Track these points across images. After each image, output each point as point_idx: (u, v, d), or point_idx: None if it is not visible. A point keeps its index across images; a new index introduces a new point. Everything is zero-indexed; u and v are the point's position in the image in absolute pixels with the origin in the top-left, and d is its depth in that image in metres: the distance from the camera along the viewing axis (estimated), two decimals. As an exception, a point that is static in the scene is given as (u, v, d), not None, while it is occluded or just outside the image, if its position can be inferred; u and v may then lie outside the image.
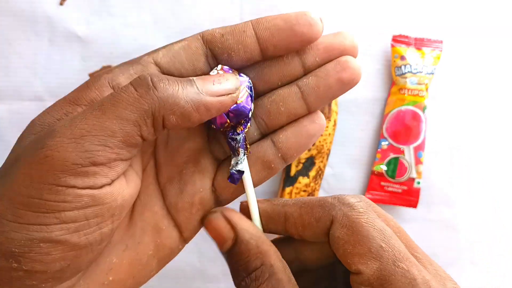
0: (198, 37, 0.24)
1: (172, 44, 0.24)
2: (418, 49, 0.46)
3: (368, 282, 0.21)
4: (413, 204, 0.45)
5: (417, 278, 0.20)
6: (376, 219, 0.22)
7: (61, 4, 0.46)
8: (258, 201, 0.25)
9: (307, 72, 0.25)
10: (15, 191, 0.19)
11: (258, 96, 0.26)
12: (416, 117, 0.45)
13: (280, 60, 0.24)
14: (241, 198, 0.26)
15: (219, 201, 0.26)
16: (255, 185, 0.26)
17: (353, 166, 0.47)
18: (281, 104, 0.25)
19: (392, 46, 0.46)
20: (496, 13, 0.47)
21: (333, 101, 0.44)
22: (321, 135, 0.27)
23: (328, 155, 0.45)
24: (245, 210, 0.25)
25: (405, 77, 0.45)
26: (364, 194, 0.47)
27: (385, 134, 0.46)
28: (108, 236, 0.22)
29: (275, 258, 0.22)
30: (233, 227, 0.23)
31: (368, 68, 0.47)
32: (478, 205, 0.47)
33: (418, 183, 0.45)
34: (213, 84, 0.21)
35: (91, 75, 0.44)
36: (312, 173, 0.44)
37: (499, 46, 0.47)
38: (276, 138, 0.25)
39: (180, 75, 0.23)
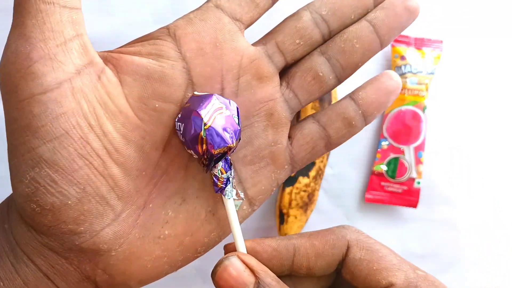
0: None
1: None
2: (418, 49, 0.46)
3: None
4: (413, 204, 0.45)
5: (436, 281, 0.22)
6: (379, 243, 0.24)
7: (61, 4, 0.46)
8: (255, 240, 0.24)
9: (376, 3, 0.25)
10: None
11: (331, 36, 0.26)
12: (416, 117, 0.45)
13: None
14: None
15: (294, 161, 0.25)
16: (336, 144, 0.26)
17: (353, 166, 0.47)
18: (355, 41, 0.25)
19: (392, 46, 0.46)
20: (496, 13, 0.47)
21: (334, 101, 0.44)
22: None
23: (328, 155, 0.45)
24: (230, 251, 0.24)
25: (405, 77, 0.45)
26: (364, 194, 0.47)
27: (385, 134, 0.46)
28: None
29: None
30: (253, 270, 0.22)
31: (368, 68, 0.47)
32: (478, 205, 0.47)
33: (418, 183, 0.46)
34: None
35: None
36: (312, 173, 0.44)
37: (499, 46, 0.47)
38: (356, 95, 0.26)
39: (251, 19, 0.25)
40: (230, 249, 0.24)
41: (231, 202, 0.23)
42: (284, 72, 0.26)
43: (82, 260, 0.22)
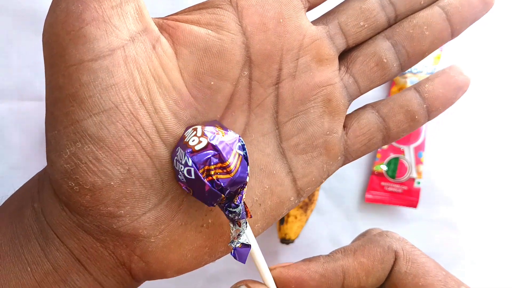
0: None
1: None
2: (419, 49, 0.46)
3: None
4: (413, 204, 0.45)
5: None
6: (423, 252, 0.22)
7: (62, 3, 0.46)
8: (299, 266, 0.22)
9: None
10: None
11: (397, 21, 0.24)
12: (416, 117, 0.45)
13: None
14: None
15: (348, 153, 0.24)
16: (396, 138, 0.24)
17: (353, 166, 0.47)
18: (425, 28, 0.23)
19: (393, 46, 0.46)
20: (496, 13, 0.47)
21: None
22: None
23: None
24: None
25: (405, 77, 0.45)
26: (364, 194, 0.47)
27: (385, 134, 0.46)
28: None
29: None
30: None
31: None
32: (478, 205, 0.47)
33: (418, 183, 0.46)
34: None
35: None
36: (312, 173, 0.44)
37: (499, 46, 0.47)
38: (422, 87, 0.24)
39: None
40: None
41: (249, 231, 0.21)
42: (344, 56, 0.24)
43: (118, 245, 0.20)
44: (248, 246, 0.20)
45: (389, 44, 0.24)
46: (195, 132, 0.20)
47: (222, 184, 0.19)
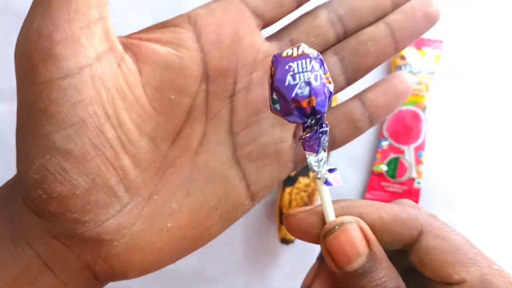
0: None
1: None
2: (418, 49, 0.46)
3: None
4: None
5: (510, 276, 0.20)
6: (454, 229, 0.22)
7: (61, 4, 0.46)
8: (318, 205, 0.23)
9: (395, 7, 0.25)
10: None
11: (346, 37, 0.25)
12: (416, 117, 0.45)
13: None
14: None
15: (297, 160, 0.25)
16: (340, 145, 0.25)
17: (353, 166, 0.47)
18: (370, 44, 0.24)
19: (392, 46, 0.46)
20: (496, 13, 0.47)
21: (333, 101, 0.44)
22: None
23: (328, 155, 0.45)
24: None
25: (405, 77, 0.45)
26: (364, 194, 0.47)
27: (385, 134, 0.46)
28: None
29: (403, 283, 0.21)
30: (368, 241, 0.20)
31: (368, 68, 0.47)
32: (478, 205, 0.47)
33: (419, 183, 0.45)
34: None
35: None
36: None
37: (499, 46, 0.47)
38: (364, 97, 0.25)
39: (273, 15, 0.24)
40: (298, 218, 0.22)
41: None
42: None
43: (83, 249, 0.21)
44: (334, 168, 0.21)
45: (336, 59, 0.25)
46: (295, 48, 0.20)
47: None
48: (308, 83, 0.20)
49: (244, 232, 0.46)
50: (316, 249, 0.22)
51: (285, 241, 0.44)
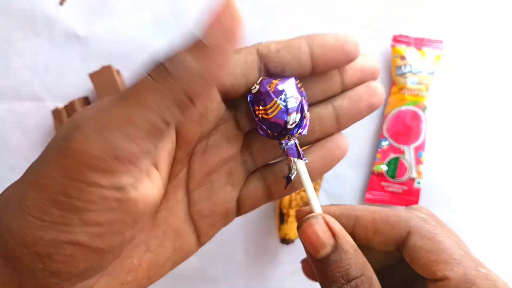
0: (253, 50, 0.24)
1: None
2: (418, 49, 0.46)
3: (455, 287, 0.22)
4: (414, 204, 0.45)
5: (498, 281, 0.23)
6: (447, 233, 0.24)
7: (61, 4, 0.46)
8: (322, 206, 0.26)
9: (344, 89, 0.26)
10: (42, 185, 0.19)
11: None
12: (416, 117, 0.45)
13: (324, 76, 0.26)
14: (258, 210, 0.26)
15: (239, 212, 0.27)
16: (278, 198, 0.27)
17: (353, 166, 0.47)
18: (316, 123, 0.26)
19: (392, 46, 0.46)
20: (496, 13, 0.47)
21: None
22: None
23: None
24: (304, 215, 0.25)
25: (405, 77, 0.45)
26: (364, 194, 0.47)
27: (385, 134, 0.46)
28: (130, 241, 0.22)
29: (372, 271, 0.23)
30: (334, 234, 0.23)
31: (368, 68, 0.47)
32: (478, 205, 0.47)
33: (419, 183, 0.45)
34: (210, 23, 0.21)
35: (91, 75, 0.44)
36: (312, 173, 0.44)
37: (499, 46, 0.47)
38: (306, 156, 0.27)
39: (232, 87, 0.25)
40: (304, 212, 0.26)
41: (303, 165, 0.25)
42: (248, 134, 0.27)
43: None
44: (289, 178, 0.25)
45: None
46: (256, 84, 0.24)
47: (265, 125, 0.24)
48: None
49: (244, 232, 0.46)
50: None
51: (285, 241, 0.44)
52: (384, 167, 0.46)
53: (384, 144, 0.46)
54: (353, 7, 0.47)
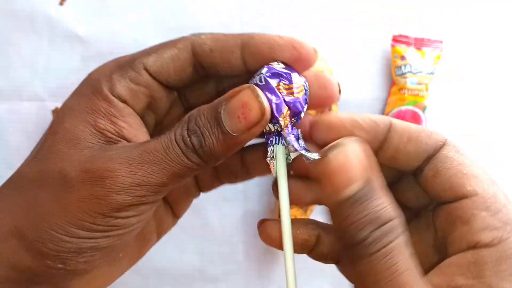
0: (188, 45, 0.24)
1: (163, 48, 0.24)
2: (418, 49, 0.46)
3: (484, 206, 0.20)
4: (413, 204, 0.45)
5: None
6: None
7: (61, 4, 0.46)
8: (349, 113, 0.23)
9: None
10: (70, 212, 0.21)
11: None
12: (416, 117, 0.45)
13: None
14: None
15: (200, 188, 0.29)
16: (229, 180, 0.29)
17: (353, 166, 0.47)
18: None
19: (392, 46, 0.46)
20: (496, 13, 0.47)
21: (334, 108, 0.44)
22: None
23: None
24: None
25: (405, 77, 0.45)
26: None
27: (385, 134, 0.46)
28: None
29: (402, 213, 0.20)
30: (368, 167, 0.19)
31: (368, 68, 0.47)
32: (478, 205, 0.47)
33: (418, 183, 0.45)
34: (239, 121, 0.21)
35: (91, 75, 0.44)
36: (312, 173, 0.44)
37: (499, 46, 0.47)
38: None
39: (167, 83, 0.24)
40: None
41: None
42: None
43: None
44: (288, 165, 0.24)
45: None
46: (258, 73, 0.23)
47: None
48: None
49: (244, 232, 0.46)
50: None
51: (285, 241, 0.44)
52: (384, 167, 0.46)
53: (384, 144, 0.46)
54: (353, 7, 0.47)
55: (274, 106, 0.22)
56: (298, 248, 0.25)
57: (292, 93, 0.23)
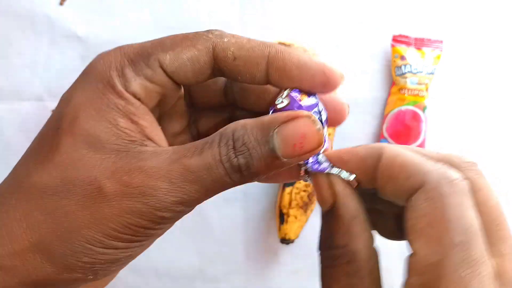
0: (209, 47, 0.23)
1: (180, 46, 0.23)
2: (418, 49, 0.46)
3: (423, 270, 0.18)
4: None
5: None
6: (468, 209, 0.20)
7: (61, 4, 0.46)
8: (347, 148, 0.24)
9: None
10: (106, 225, 0.20)
11: None
12: (416, 117, 0.45)
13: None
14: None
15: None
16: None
17: (353, 166, 0.47)
18: None
19: (392, 46, 0.46)
20: (496, 13, 0.47)
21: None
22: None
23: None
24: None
25: (405, 77, 0.45)
26: (364, 194, 0.46)
27: (385, 134, 0.46)
28: None
29: (363, 244, 0.20)
30: (334, 194, 0.21)
31: (368, 68, 0.47)
32: (478, 205, 0.47)
33: (418, 183, 0.45)
34: (295, 150, 0.20)
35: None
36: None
37: (499, 46, 0.47)
38: None
39: (181, 83, 0.23)
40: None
41: None
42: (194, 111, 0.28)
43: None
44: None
45: None
46: (282, 94, 0.22)
47: None
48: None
49: (244, 232, 0.46)
50: (315, 249, 0.22)
51: (285, 241, 0.44)
52: (384, 167, 0.46)
53: (384, 144, 0.46)
54: (353, 7, 0.47)
55: None
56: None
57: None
